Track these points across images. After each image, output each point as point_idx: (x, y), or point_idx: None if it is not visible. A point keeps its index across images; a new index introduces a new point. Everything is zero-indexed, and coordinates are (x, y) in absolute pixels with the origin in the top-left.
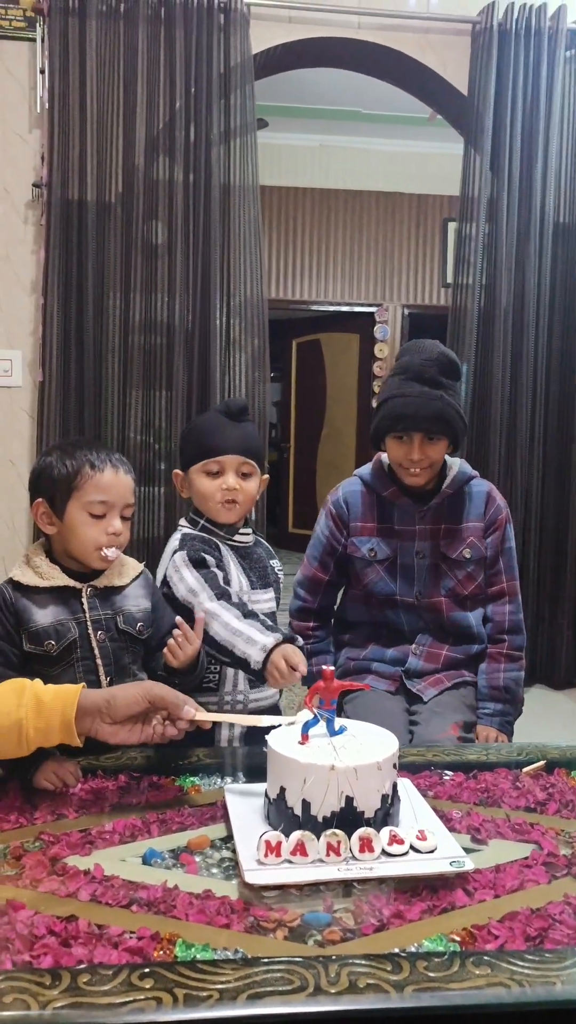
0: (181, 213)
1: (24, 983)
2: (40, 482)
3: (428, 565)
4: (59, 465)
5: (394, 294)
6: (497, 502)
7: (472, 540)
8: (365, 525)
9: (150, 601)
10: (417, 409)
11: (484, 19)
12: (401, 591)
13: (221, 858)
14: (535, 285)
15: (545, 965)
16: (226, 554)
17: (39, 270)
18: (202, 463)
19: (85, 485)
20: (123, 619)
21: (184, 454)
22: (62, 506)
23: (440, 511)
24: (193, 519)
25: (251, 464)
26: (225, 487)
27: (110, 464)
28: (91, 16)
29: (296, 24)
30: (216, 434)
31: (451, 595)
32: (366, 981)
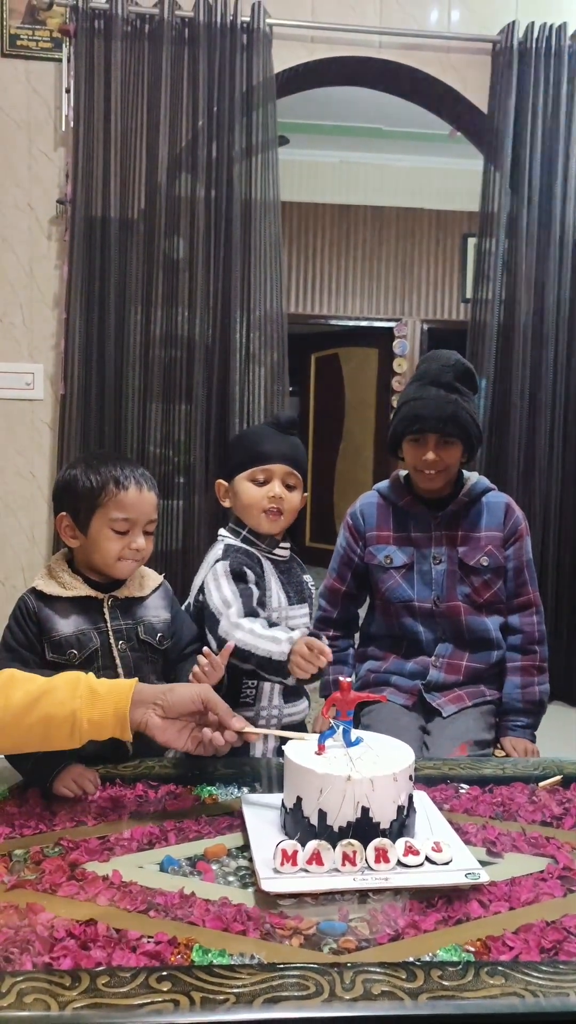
0: (203, 229)
1: (44, 984)
2: (65, 495)
3: (446, 571)
4: (84, 479)
5: (413, 309)
6: (516, 513)
7: (490, 549)
8: (381, 534)
9: (170, 612)
10: (432, 411)
11: (504, 39)
12: (419, 597)
13: (238, 867)
14: (554, 301)
15: (559, 976)
16: (267, 569)
17: (62, 285)
18: (249, 471)
19: (109, 502)
20: (144, 629)
21: (230, 462)
22: (86, 521)
23: (456, 518)
24: (235, 529)
25: (296, 476)
26: (271, 495)
27: (134, 481)
28: (116, 37)
29: (318, 44)
30: (265, 443)
31: (468, 601)
32: (381, 988)
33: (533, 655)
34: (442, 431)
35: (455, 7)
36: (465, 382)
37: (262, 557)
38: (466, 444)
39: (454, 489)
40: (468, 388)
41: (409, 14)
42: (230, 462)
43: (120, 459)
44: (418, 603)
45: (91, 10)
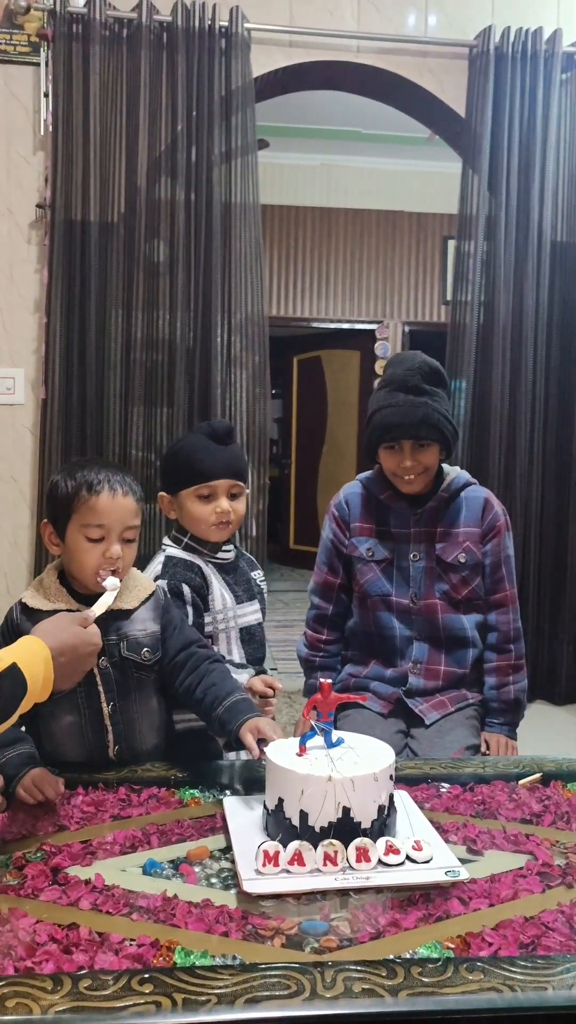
0: (183, 232)
1: (26, 988)
2: (48, 502)
3: (424, 568)
4: (62, 485)
5: (394, 311)
6: (495, 508)
7: (468, 545)
8: (364, 526)
9: (159, 623)
10: (403, 417)
11: (481, 43)
12: (397, 593)
13: (220, 868)
14: (533, 303)
15: (537, 971)
16: (209, 573)
17: (42, 289)
18: (194, 488)
19: (81, 508)
20: (127, 645)
21: (171, 477)
22: (63, 528)
23: (436, 515)
24: (177, 537)
25: (240, 485)
26: (219, 510)
27: (108, 486)
28: (94, 41)
29: (296, 48)
30: (206, 459)
31: (445, 598)
32: (361, 986)
33: (508, 654)
34: (416, 436)
35: (432, 12)
36: (432, 381)
37: (203, 563)
38: (442, 443)
39: (434, 485)
40: (436, 387)
41: (387, 18)
42: (171, 476)
43: (102, 464)
44: (396, 599)
45: (69, 14)
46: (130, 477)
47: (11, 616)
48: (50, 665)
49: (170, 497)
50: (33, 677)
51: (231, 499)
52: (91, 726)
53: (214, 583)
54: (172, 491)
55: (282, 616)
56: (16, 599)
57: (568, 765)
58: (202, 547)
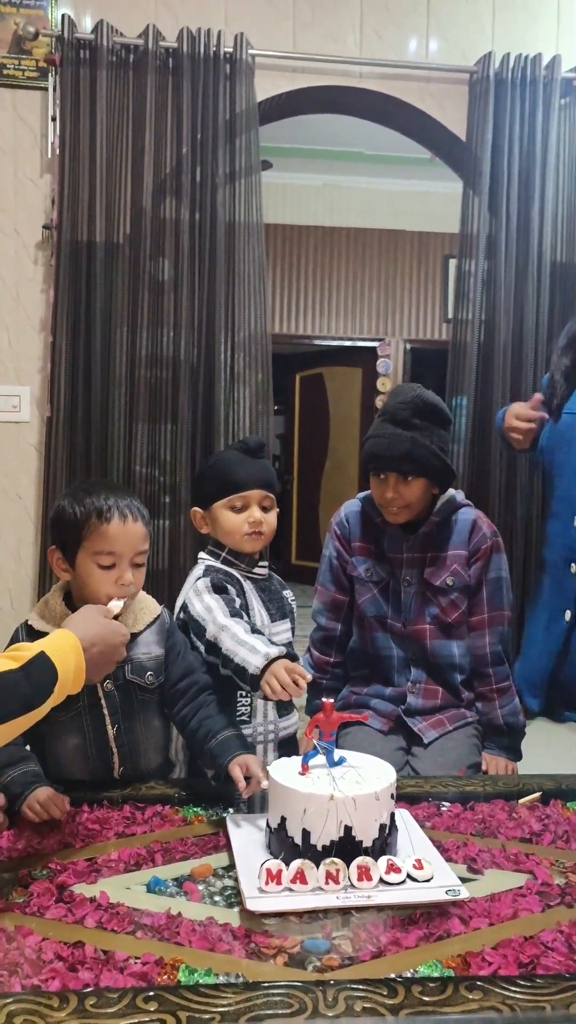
0: (187, 251)
1: (33, 1005)
2: (55, 527)
3: (414, 592)
4: (70, 511)
5: (396, 329)
6: (483, 531)
7: (456, 568)
8: (363, 545)
9: (163, 647)
10: (386, 449)
11: (481, 68)
12: (392, 615)
13: (223, 886)
14: (533, 322)
15: (536, 990)
16: (248, 588)
17: (48, 309)
18: (227, 499)
19: (92, 535)
20: (131, 668)
21: (204, 491)
22: (72, 555)
23: (427, 540)
24: (214, 552)
25: (271, 497)
26: (252, 520)
27: (118, 513)
28: (101, 66)
29: (299, 73)
30: (239, 471)
31: (436, 623)
32: (362, 1005)
33: (488, 679)
34: (397, 470)
35: (433, 38)
36: (423, 415)
37: (241, 577)
38: (433, 479)
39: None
40: (430, 422)
41: (388, 45)
42: (204, 490)
43: (109, 488)
44: (391, 622)
45: (76, 40)
46: (137, 501)
47: (16, 637)
48: (81, 655)
49: (203, 512)
50: (64, 666)
51: (263, 511)
52: (96, 748)
53: (253, 599)
54: (205, 505)
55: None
56: (20, 617)
57: (568, 784)
58: (239, 561)
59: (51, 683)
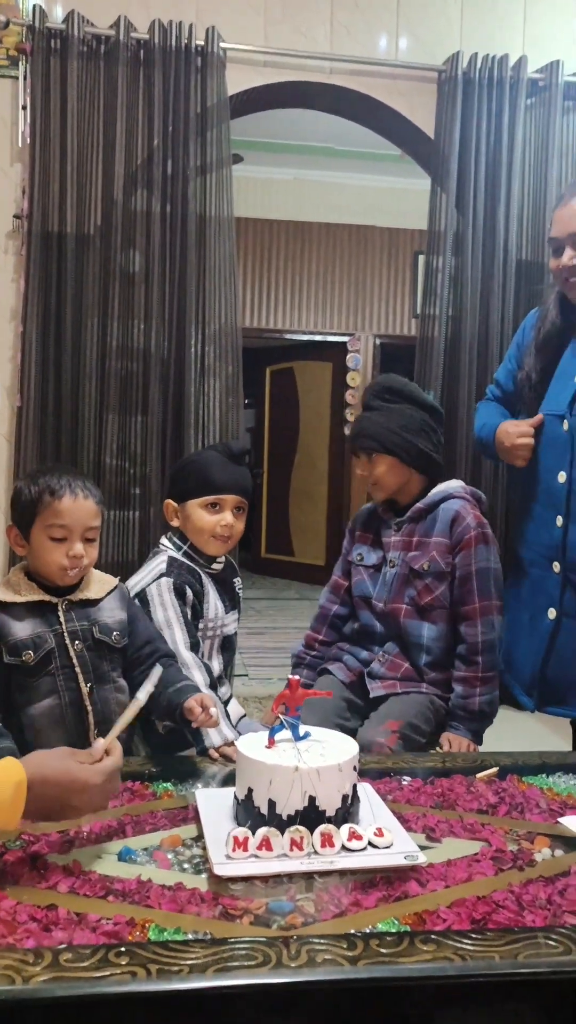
0: (158, 243)
1: (8, 961)
2: (13, 508)
3: (397, 574)
4: (25, 491)
5: (366, 324)
6: (466, 521)
7: (434, 555)
8: (363, 534)
9: (126, 613)
10: (354, 430)
11: (450, 68)
12: (377, 595)
13: (192, 855)
14: (499, 318)
15: (486, 943)
16: (206, 582)
17: (18, 298)
18: (203, 498)
19: (45, 511)
20: (99, 629)
21: (181, 486)
22: (27, 530)
23: (413, 525)
24: (177, 543)
25: (244, 503)
26: (224, 523)
27: (69, 490)
28: (72, 56)
29: (270, 68)
30: (220, 473)
31: (412, 603)
32: (323, 957)
33: (475, 666)
34: (361, 447)
35: (403, 36)
36: (383, 398)
37: (200, 571)
38: (396, 455)
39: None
40: (388, 402)
41: (358, 42)
42: (181, 485)
43: (63, 470)
44: (374, 601)
45: (47, 30)
46: (90, 482)
47: None
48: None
49: (176, 505)
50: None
51: (234, 515)
52: (72, 708)
53: (210, 592)
54: (180, 499)
55: (253, 623)
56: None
57: (523, 760)
58: (199, 556)
59: None
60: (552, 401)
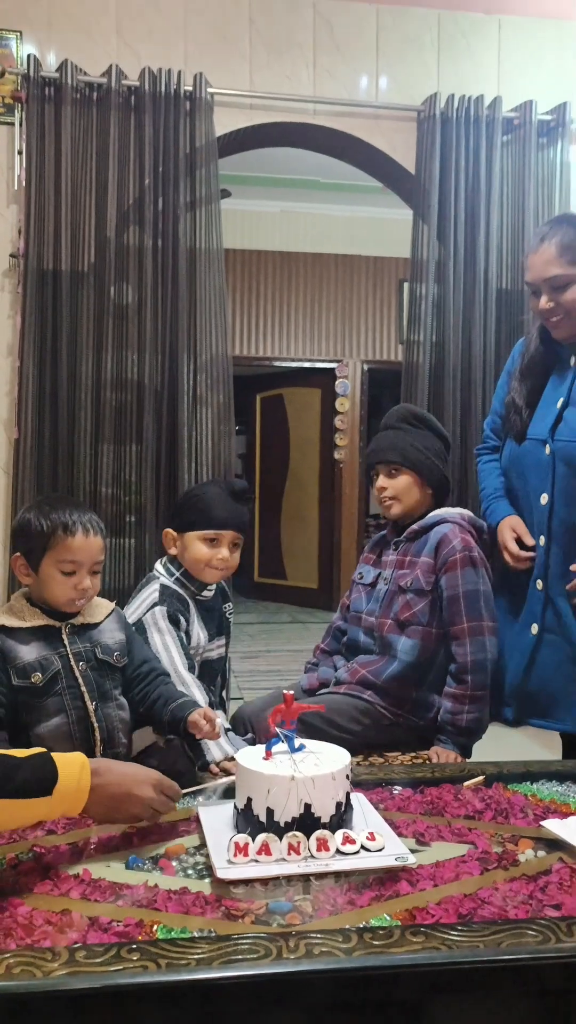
0: (150, 277)
1: (28, 959)
2: (19, 537)
3: (387, 590)
4: (36, 523)
5: (354, 351)
6: (452, 544)
7: (418, 574)
8: (368, 556)
9: (124, 634)
10: (378, 445)
11: (428, 107)
12: (367, 610)
13: (195, 862)
14: (481, 345)
15: (472, 934)
16: (192, 610)
17: (16, 334)
18: (203, 531)
19: (58, 546)
20: (101, 650)
21: (184, 518)
22: (37, 562)
23: (409, 545)
24: (170, 569)
25: (241, 538)
26: (220, 557)
27: (81, 527)
28: (66, 103)
29: (256, 110)
30: (220, 510)
31: (394, 618)
32: (320, 949)
33: (464, 684)
34: (384, 459)
35: (383, 78)
36: (410, 421)
37: (190, 598)
38: (416, 471)
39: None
40: (414, 426)
41: (340, 84)
42: (182, 517)
43: (71, 504)
44: (364, 615)
45: (42, 79)
46: (96, 517)
47: None
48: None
49: (175, 534)
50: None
51: (231, 550)
52: (79, 726)
53: (195, 621)
54: (180, 530)
55: (247, 647)
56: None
57: (509, 768)
58: (191, 583)
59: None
60: (536, 426)
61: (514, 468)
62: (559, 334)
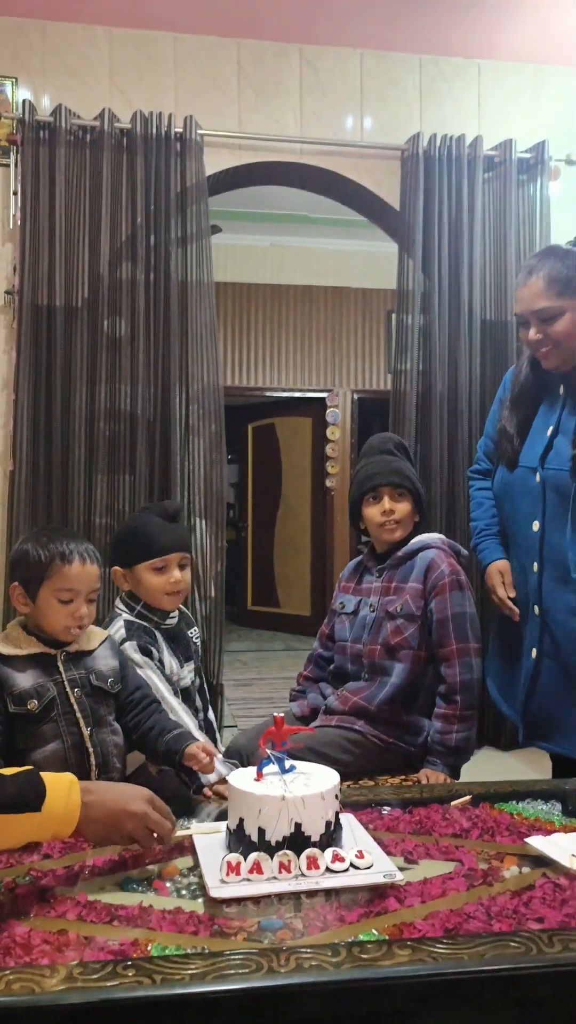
0: (142, 310)
1: (28, 975)
2: (17, 567)
3: (375, 617)
4: (34, 553)
5: (343, 380)
6: (440, 568)
7: (407, 599)
8: (346, 584)
9: (117, 661)
10: (381, 468)
11: (411, 147)
12: (352, 638)
13: (189, 883)
14: (467, 374)
15: (457, 947)
16: (160, 640)
17: (11, 368)
18: (149, 562)
19: (55, 575)
20: (95, 676)
21: (126, 553)
22: (35, 590)
23: (393, 572)
24: (130, 604)
25: (187, 557)
26: (173, 580)
27: (79, 556)
28: (60, 146)
29: (245, 150)
30: (161, 536)
31: (384, 644)
32: (310, 963)
33: (454, 704)
34: (392, 483)
35: (367, 118)
36: (402, 451)
37: (154, 629)
38: (414, 496)
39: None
40: (405, 456)
41: (326, 124)
42: (126, 551)
43: (68, 534)
44: (350, 643)
45: (37, 122)
46: (92, 546)
47: None
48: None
49: (124, 571)
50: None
51: (180, 570)
52: (74, 751)
53: (164, 649)
54: (126, 564)
55: (240, 675)
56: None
57: (494, 788)
58: (152, 614)
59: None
60: (527, 454)
61: (506, 495)
62: (549, 364)
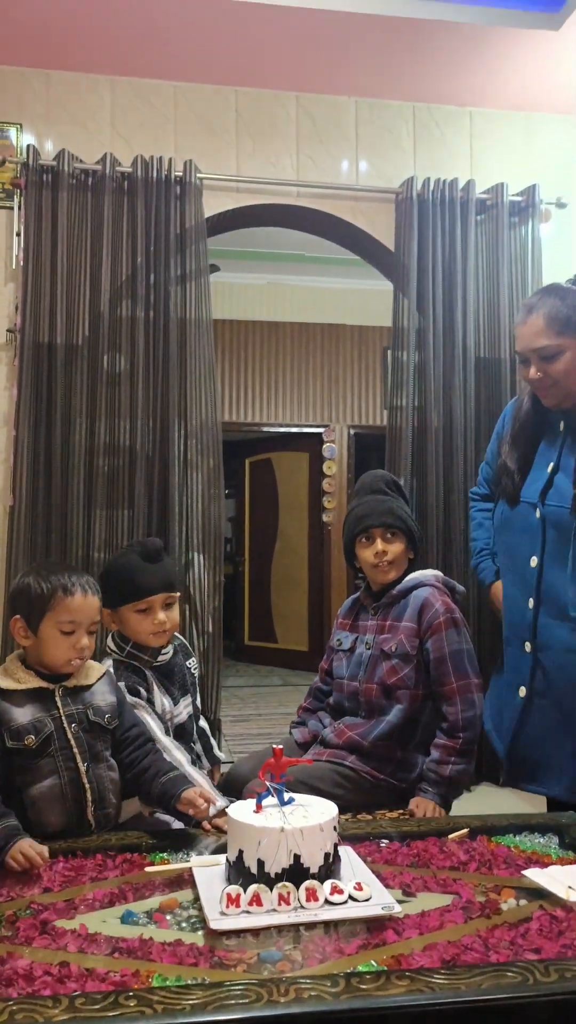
0: (142, 347)
1: (30, 1006)
2: (18, 600)
3: (371, 655)
4: (36, 586)
5: (340, 415)
6: (434, 608)
7: (402, 638)
8: (343, 622)
9: (115, 696)
10: (373, 509)
11: (405, 190)
12: (349, 675)
13: (189, 915)
14: (462, 411)
15: (454, 977)
16: (150, 678)
17: (12, 405)
18: (132, 604)
19: (58, 607)
20: (93, 712)
21: (110, 594)
22: (37, 623)
23: (388, 611)
24: (120, 644)
25: (173, 596)
26: (157, 622)
27: (80, 588)
28: (63, 189)
29: (243, 193)
30: (141, 578)
31: (380, 683)
32: (309, 993)
33: (456, 739)
34: (384, 524)
35: (362, 162)
36: (395, 489)
37: (145, 668)
38: (407, 536)
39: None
40: (398, 494)
41: (322, 169)
42: (110, 593)
43: (68, 568)
44: (347, 681)
45: (40, 167)
46: (92, 579)
47: None
48: None
49: (110, 611)
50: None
51: (166, 609)
52: (71, 786)
53: (155, 690)
54: (111, 606)
55: (238, 711)
56: None
57: (492, 822)
58: (143, 653)
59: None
60: (528, 490)
61: (506, 529)
62: (549, 402)
